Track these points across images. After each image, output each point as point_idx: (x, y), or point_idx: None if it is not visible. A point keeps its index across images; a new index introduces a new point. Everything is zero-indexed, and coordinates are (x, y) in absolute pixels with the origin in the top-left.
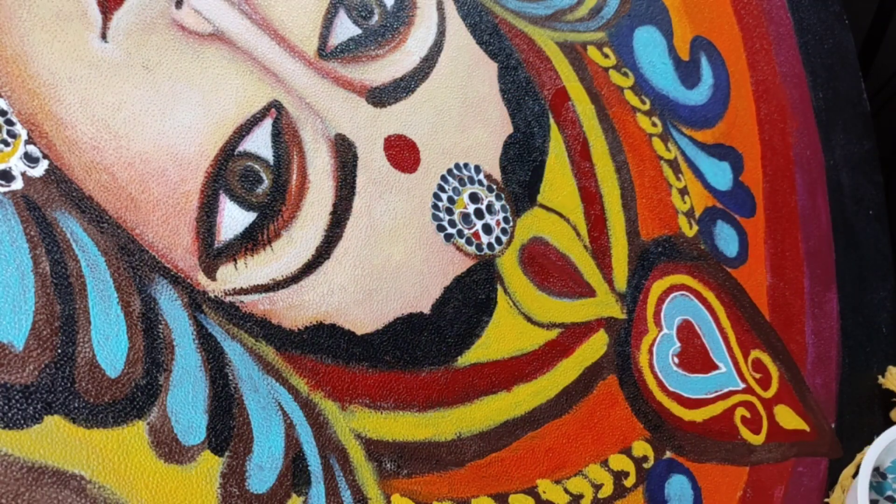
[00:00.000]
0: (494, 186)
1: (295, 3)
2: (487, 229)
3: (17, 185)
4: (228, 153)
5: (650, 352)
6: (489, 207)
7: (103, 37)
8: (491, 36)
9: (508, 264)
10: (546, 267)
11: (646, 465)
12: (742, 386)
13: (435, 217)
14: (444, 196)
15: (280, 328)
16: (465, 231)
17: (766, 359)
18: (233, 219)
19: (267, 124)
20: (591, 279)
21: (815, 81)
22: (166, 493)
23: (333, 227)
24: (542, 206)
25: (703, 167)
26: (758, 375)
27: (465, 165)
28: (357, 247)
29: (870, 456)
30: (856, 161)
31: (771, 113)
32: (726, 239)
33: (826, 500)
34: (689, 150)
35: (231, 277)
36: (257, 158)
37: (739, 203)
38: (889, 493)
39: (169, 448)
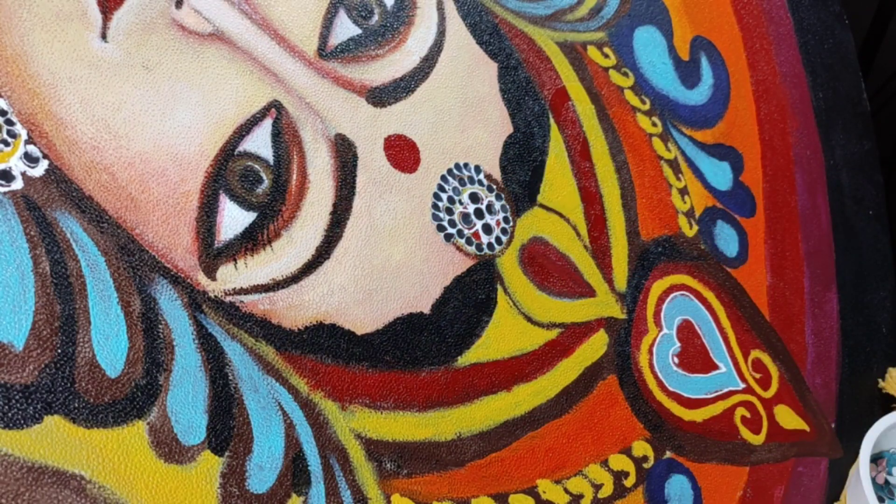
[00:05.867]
0: (494, 186)
1: (295, 3)
2: (487, 229)
3: (17, 184)
4: (228, 153)
5: (650, 352)
6: (489, 207)
7: (103, 37)
8: (491, 36)
9: (508, 264)
10: (546, 267)
11: (646, 465)
12: (742, 386)
13: (435, 217)
14: (444, 196)
15: (280, 328)
16: (465, 231)
17: (766, 359)
18: (233, 219)
19: (267, 124)
20: (591, 279)
21: (815, 81)
22: (166, 493)
23: (333, 227)
24: (542, 206)
25: (703, 167)
26: (758, 375)
27: (465, 165)
28: (357, 247)
29: (868, 440)
30: (856, 161)
31: (771, 113)
32: (726, 239)
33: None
34: (689, 150)
35: (231, 277)
36: (257, 158)
37: (739, 203)
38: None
39: (169, 448)
